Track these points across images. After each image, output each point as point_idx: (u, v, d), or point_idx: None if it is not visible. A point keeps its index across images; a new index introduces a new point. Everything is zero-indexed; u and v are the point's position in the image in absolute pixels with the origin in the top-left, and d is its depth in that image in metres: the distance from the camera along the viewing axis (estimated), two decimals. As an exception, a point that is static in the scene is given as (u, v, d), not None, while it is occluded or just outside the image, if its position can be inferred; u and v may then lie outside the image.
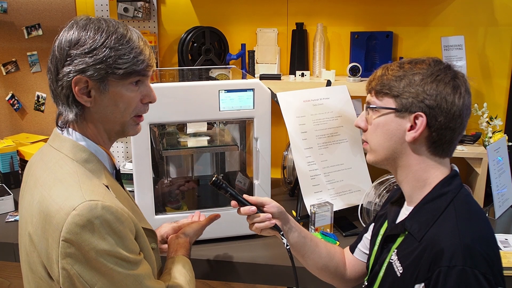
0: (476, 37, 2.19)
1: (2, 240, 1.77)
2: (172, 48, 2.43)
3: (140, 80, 1.09)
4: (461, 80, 1.08)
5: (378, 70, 1.14)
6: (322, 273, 1.37)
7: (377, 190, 1.85)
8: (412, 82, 1.07)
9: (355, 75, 2.14)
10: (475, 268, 0.96)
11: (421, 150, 1.10)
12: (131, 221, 1.05)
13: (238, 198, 1.27)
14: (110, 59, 1.02)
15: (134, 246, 1.05)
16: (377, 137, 1.13)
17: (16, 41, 2.50)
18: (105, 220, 0.98)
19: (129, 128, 1.13)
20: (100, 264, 0.98)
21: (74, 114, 1.06)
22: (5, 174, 2.24)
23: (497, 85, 2.23)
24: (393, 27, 2.25)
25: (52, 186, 1.03)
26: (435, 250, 1.00)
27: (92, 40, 1.02)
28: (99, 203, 0.98)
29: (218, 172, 2.18)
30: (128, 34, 1.06)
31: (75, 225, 0.96)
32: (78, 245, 0.96)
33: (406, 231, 1.11)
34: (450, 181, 1.10)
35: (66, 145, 1.08)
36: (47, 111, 2.59)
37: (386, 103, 1.10)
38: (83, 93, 1.04)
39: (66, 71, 1.03)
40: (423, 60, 1.10)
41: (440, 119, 1.05)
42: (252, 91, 1.63)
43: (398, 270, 1.09)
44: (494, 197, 1.94)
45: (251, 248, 1.65)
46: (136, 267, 1.04)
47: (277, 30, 2.33)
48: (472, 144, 2.06)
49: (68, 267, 0.98)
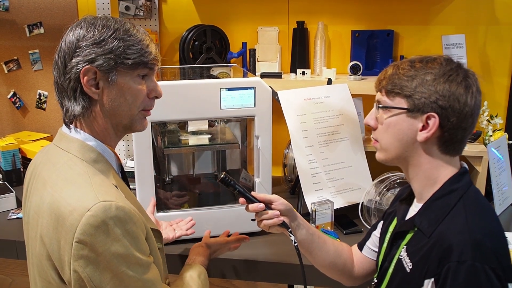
0: (476, 36, 2.20)
1: (4, 237, 1.78)
2: (173, 47, 2.43)
3: (146, 74, 1.10)
4: (472, 79, 1.08)
5: (389, 68, 1.13)
6: (329, 270, 1.38)
7: (378, 188, 1.86)
8: (424, 82, 1.06)
9: (356, 74, 2.15)
10: (485, 263, 0.96)
11: (432, 149, 1.10)
12: (142, 222, 1.04)
13: (246, 195, 1.27)
14: (119, 49, 1.03)
15: (145, 247, 1.04)
16: (388, 136, 1.13)
17: (17, 39, 2.51)
18: (119, 221, 0.97)
19: (136, 122, 1.12)
20: (113, 266, 0.97)
21: (81, 107, 1.05)
22: (7, 172, 2.25)
23: (498, 84, 2.23)
24: (394, 25, 2.25)
25: (63, 187, 1.01)
26: (445, 246, 1.00)
27: (101, 32, 1.03)
28: (113, 203, 0.97)
29: (219, 169, 2.19)
30: (135, 28, 1.08)
31: (90, 226, 0.94)
32: (91, 246, 0.95)
33: (416, 228, 1.11)
34: (459, 178, 1.10)
35: (74, 145, 1.07)
36: (49, 109, 2.60)
37: (397, 103, 1.10)
38: (91, 85, 1.04)
39: (75, 62, 1.03)
40: (434, 59, 1.10)
41: (453, 120, 1.05)
42: (253, 89, 1.64)
43: (407, 266, 1.09)
44: (494, 196, 1.94)
45: (252, 245, 1.66)
46: (147, 270, 1.02)
47: (278, 28, 2.34)
48: (472, 142, 2.07)
49: (80, 269, 0.97)
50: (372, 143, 1.20)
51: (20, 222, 1.89)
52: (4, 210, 2.00)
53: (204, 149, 2.00)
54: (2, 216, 1.96)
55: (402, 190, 1.34)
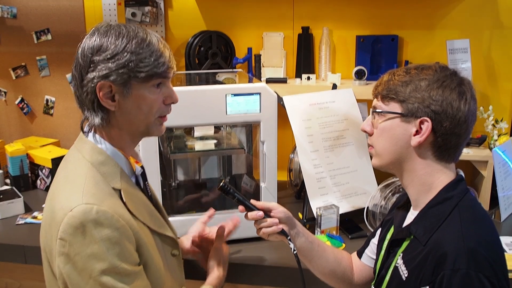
0: (481, 40, 2.20)
1: (12, 242, 1.80)
2: (179, 52, 2.45)
3: (161, 82, 1.12)
4: (467, 86, 1.09)
5: (385, 75, 1.15)
6: (329, 278, 1.38)
7: (383, 193, 1.86)
8: (418, 88, 1.08)
9: (361, 79, 2.15)
10: (479, 271, 0.96)
11: (426, 155, 1.11)
12: (129, 230, 1.05)
13: (246, 203, 1.29)
14: (132, 63, 1.05)
15: (129, 255, 1.04)
16: (383, 141, 1.14)
17: (25, 45, 2.54)
18: (98, 224, 1.00)
19: (153, 128, 1.15)
20: (89, 269, 0.99)
21: (100, 118, 1.09)
22: (15, 177, 2.27)
23: (503, 88, 2.23)
24: (399, 30, 2.26)
25: (62, 185, 1.08)
26: (439, 254, 1.01)
27: (114, 46, 1.05)
28: (95, 207, 1.01)
29: (225, 174, 2.20)
30: (148, 38, 1.09)
31: (69, 225, 1.00)
32: (70, 246, 1.00)
33: (412, 235, 1.12)
34: (455, 185, 1.11)
35: (86, 146, 1.12)
36: (56, 114, 2.62)
37: (392, 107, 1.11)
38: (107, 98, 1.07)
39: (90, 77, 1.06)
40: (429, 66, 1.11)
41: (446, 125, 1.06)
42: (258, 95, 1.65)
43: (403, 273, 1.10)
44: (500, 200, 1.94)
45: (257, 250, 1.67)
46: (128, 279, 1.03)
47: (283, 34, 2.35)
48: (477, 147, 2.07)
49: (61, 265, 1.02)
50: (369, 149, 1.21)
51: (28, 227, 1.92)
52: (12, 215, 2.01)
53: (210, 154, 2.01)
54: (11, 221, 1.97)
55: (399, 198, 1.35)
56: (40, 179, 2.30)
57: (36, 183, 2.33)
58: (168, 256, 1.22)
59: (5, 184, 2.32)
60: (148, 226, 1.15)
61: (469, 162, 2.03)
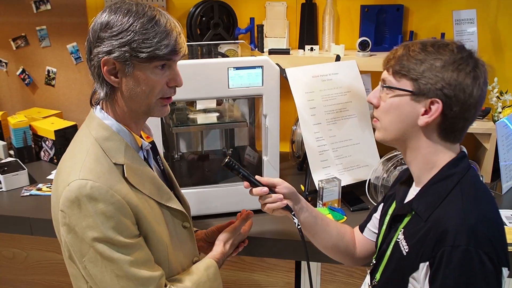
0: (488, 10, 2.16)
1: (18, 214, 1.83)
2: (180, 22, 2.39)
3: (165, 64, 1.12)
4: (481, 69, 1.07)
5: (399, 48, 1.12)
6: (332, 252, 1.40)
7: (385, 166, 1.87)
8: (432, 68, 1.05)
9: (365, 50, 2.13)
10: (478, 248, 0.97)
11: (432, 135, 1.10)
12: (125, 204, 1.08)
13: (250, 179, 1.29)
14: (134, 42, 1.06)
15: (126, 229, 1.08)
16: (389, 117, 1.13)
17: (25, 15, 2.50)
18: (92, 199, 1.04)
19: (154, 109, 1.16)
20: (87, 239, 1.06)
21: (105, 93, 1.13)
22: (18, 149, 2.29)
23: (509, 59, 2.20)
24: (404, 0, 2.22)
25: (67, 159, 1.14)
26: (440, 230, 1.02)
27: (120, 24, 1.06)
28: (89, 182, 1.05)
29: (227, 146, 2.21)
30: (157, 18, 1.08)
31: (67, 199, 1.05)
32: (69, 217, 1.06)
33: (413, 211, 1.12)
34: (457, 162, 1.11)
35: (93, 122, 1.15)
36: (58, 85, 2.61)
37: (403, 84, 1.09)
38: (111, 74, 1.10)
39: (96, 52, 1.09)
40: (447, 44, 1.08)
41: (456, 109, 1.05)
42: (261, 68, 1.64)
43: (404, 249, 1.11)
44: (502, 170, 1.94)
45: (260, 222, 1.69)
46: (125, 250, 1.08)
47: (286, 3, 2.31)
48: (481, 119, 2.06)
49: (64, 234, 1.08)
50: (373, 121, 1.20)
51: (33, 199, 1.94)
52: (17, 187, 2.03)
53: (212, 128, 2.01)
54: (16, 193, 2.00)
55: (402, 173, 1.35)
56: (43, 151, 2.31)
57: (40, 154, 2.34)
58: (178, 228, 1.25)
59: (9, 155, 2.33)
60: (155, 199, 1.17)
61: (472, 135, 2.02)
